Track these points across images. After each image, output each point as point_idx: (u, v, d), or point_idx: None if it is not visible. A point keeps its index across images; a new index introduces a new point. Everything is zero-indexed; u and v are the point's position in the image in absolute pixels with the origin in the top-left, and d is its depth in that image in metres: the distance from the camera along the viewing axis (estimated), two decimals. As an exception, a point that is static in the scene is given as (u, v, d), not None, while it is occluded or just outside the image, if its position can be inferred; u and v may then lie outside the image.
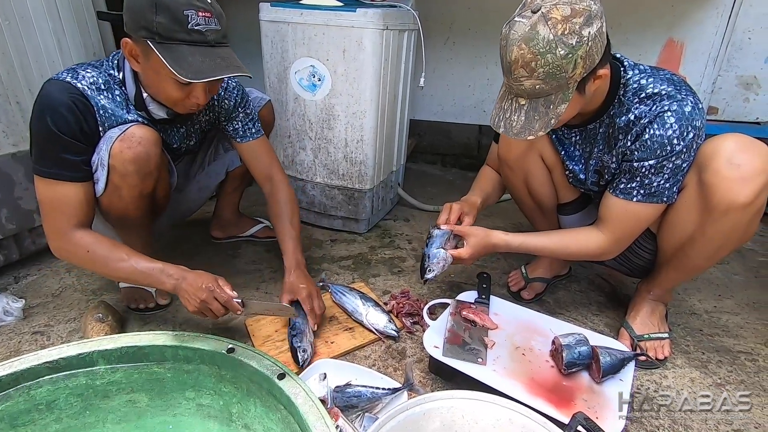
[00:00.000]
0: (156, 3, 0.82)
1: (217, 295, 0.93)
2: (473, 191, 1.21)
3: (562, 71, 0.76)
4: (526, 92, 0.81)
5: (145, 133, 0.95)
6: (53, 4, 1.30)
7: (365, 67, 1.37)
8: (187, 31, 0.84)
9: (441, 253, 1.04)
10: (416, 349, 1.08)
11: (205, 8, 0.85)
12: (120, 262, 0.93)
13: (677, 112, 0.83)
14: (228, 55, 0.90)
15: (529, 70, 0.77)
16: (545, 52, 0.74)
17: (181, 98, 0.93)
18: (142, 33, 0.84)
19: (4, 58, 1.18)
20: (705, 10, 1.81)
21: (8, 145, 1.23)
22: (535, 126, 0.82)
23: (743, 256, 1.58)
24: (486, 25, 2.16)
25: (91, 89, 0.91)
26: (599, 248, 0.98)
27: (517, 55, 0.76)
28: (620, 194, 0.93)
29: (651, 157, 0.86)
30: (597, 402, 0.83)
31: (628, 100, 0.89)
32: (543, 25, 0.74)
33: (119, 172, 0.93)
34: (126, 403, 0.74)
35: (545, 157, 1.11)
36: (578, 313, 1.25)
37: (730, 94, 1.91)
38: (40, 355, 0.68)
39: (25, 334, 1.09)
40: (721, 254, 0.95)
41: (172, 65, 0.83)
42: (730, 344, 1.13)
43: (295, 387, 0.65)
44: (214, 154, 1.35)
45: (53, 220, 0.92)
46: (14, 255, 1.33)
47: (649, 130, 0.85)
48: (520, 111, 0.83)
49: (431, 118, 2.45)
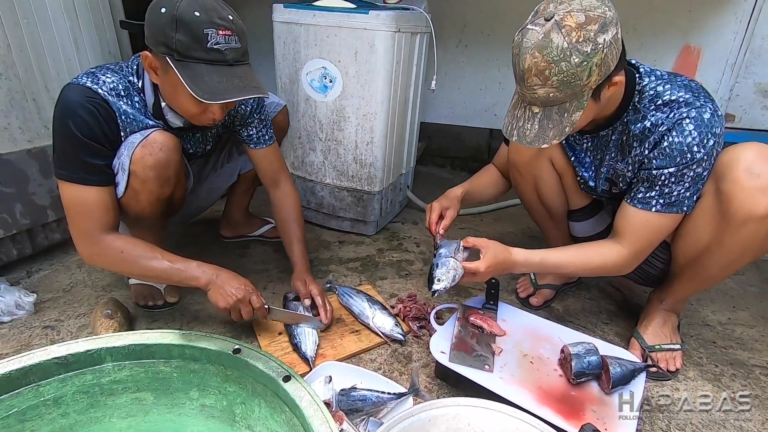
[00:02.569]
0: (176, 20, 0.82)
1: (252, 299, 1.00)
2: (463, 183, 1.21)
3: (577, 79, 0.75)
4: (539, 100, 0.80)
5: (166, 140, 0.97)
6: (71, 4, 1.32)
7: (377, 69, 1.37)
8: (205, 50, 0.84)
9: (451, 263, 0.95)
10: (422, 354, 1.07)
11: (226, 26, 0.85)
12: (153, 260, 0.96)
13: (696, 119, 0.81)
14: (246, 75, 0.90)
15: (542, 79, 0.76)
16: (559, 60, 0.73)
17: (198, 113, 0.93)
18: (162, 49, 0.85)
19: (21, 56, 1.20)
20: (723, 15, 1.77)
21: (24, 142, 1.25)
22: (549, 134, 0.81)
23: (759, 267, 1.55)
24: (499, 29, 2.15)
25: (111, 95, 0.92)
26: (619, 262, 0.95)
27: (530, 63, 0.75)
28: (639, 204, 0.90)
29: (671, 164, 0.84)
30: (606, 413, 0.82)
31: (644, 107, 0.87)
32: (557, 33, 0.72)
33: (140, 178, 0.95)
34: (132, 400, 0.75)
35: (555, 162, 1.09)
36: (588, 321, 1.23)
37: (748, 102, 1.88)
38: (50, 350, 0.69)
39: (36, 328, 1.11)
40: (738, 265, 0.93)
41: (189, 84, 0.83)
42: (745, 357, 1.11)
43: (300, 390, 0.64)
44: (228, 157, 1.36)
45: (81, 224, 0.93)
46: (27, 249, 1.35)
47: (667, 137, 0.83)
48: (534, 119, 0.82)
49: (442, 120, 2.44)
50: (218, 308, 0.99)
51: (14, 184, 1.24)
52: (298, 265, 1.19)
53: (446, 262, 0.95)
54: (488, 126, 2.35)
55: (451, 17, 2.20)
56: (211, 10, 0.84)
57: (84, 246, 0.95)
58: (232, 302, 0.98)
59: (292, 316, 1.08)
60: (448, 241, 1.00)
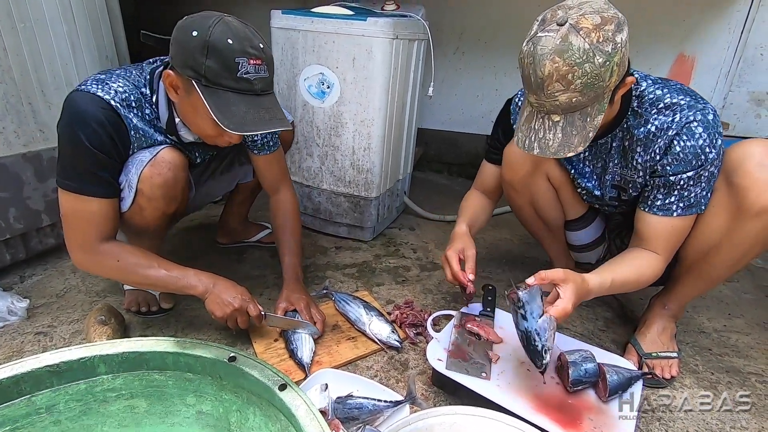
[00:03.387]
0: (208, 46, 0.80)
1: (249, 308, 1.00)
2: (459, 220, 1.17)
3: (600, 80, 0.73)
4: (560, 107, 0.77)
5: (175, 158, 0.96)
6: (68, 8, 1.32)
7: (374, 75, 1.38)
8: (235, 79, 0.83)
9: (547, 322, 0.77)
10: (419, 361, 1.06)
11: (257, 56, 0.84)
12: (150, 269, 0.95)
13: (703, 122, 0.82)
14: (272, 106, 0.90)
15: (565, 83, 0.73)
16: (582, 62, 0.71)
17: (215, 136, 0.93)
18: (189, 72, 0.83)
19: (18, 60, 1.19)
20: (717, 26, 1.80)
21: (19, 145, 1.24)
22: (574, 141, 0.78)
23: (753, 275, 1.55)
24: (496, 36, 2.16)
25: (122, 106, 0.89)
26: (659, 268, 0.93)
27: (551, 69, 0.73)
28: (659, 212, 0.90)
29: (688, 168, 0.84)
30: (603, 421, 0.81)
31: (645, 110, 0.88)
32: (575, 36, 0.71)
33: (147, 196, 0.94)
34: (125, 408, 0.74)
35: (552, 177, 1.09)
36: (584, 328, 1.23)
37: (742, 110, 1.90)
38: (42, 358, 0.68)
39: (28, 334, 1.09)
40: (744, 262, 0.93)
41: (215, 112, 0.82)
42: (740, 365, 1.11)
43: (296, 398, 0.64)
44: (229, 166, 1.36)
45: (79, 234, 0.92)
46: (21, 254, 1.34)
47: (678, 142, 0.84)
48: (555, 128, 0.79)
49: (439, 127, 2.45)
50: (215, 317, 1.00)
51: (8, 189, 1.23)
52: (286, 279, 1.17)
53: (544, 322, 0.77)
54: (485, 132, 2.36)
55: (449, 25, 2.22)
56: (244, 39, 0.83)
57: (79, 255, 0.94)
58: (228, 312, 0.98)
59: (288, 323, 1.07)
60: (528, 292, 0.79)
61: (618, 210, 1.08)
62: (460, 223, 1.16)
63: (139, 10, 2.95)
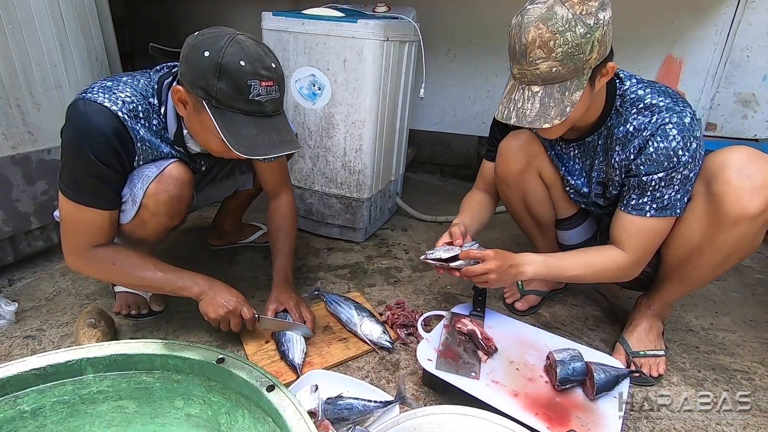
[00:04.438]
0: (220, 68, 0.79)
1: (242, 311, 1.00)
2: (462, 215, 1.17)
3: (580, 52, 0.76)
4: (540, 77, 0.79)
5: (181, 174, 0.96)
6: (57, 9, 1.31)
7: (365, 77, 1.38)
8: (246, 102, 0.82)
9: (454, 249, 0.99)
10: (410, 361, 1.07)
11: (269, 77, 0.83)
12: (146, 270, 0.96)
13: (678, 124, 0.83)
14: (283, 127, 0.89)
15: (546, 51, 0.76)
16: (564, 30, 0.74)
17: (223, 152, 0.92)
18: (199, 92, 0.82)
19: (6, 62, 1.19)
20: (704, 27, 1.82)
21: (7, 148, 1.23)
22: (551, 113, 0.79)
23: (741, 273, 1.57)
24: (487, 38, 2.17)
25: (129, 117, 0.88)
26: (622, 267, 0.95)
27: (534, 35, 0.75)
28: (633, 211, 0.92)
29: (659, 170, 0.85)
30: (591, 419, 0.82)
31: (626, 110, 0.89)
32: (560, 6, 0.74)
33: (151, 211, 0.94)
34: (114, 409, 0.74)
35: (544, 174, 1.11)
36: (574, 327, 1.24)
37: (729, 111, 1.92)
38: (28, 361, 0.68)
39: (16, 338, 1.09)
40: (728, 265, 0.94)
41: (225, 135, 0.81)
42: (727, 362, 1.13)
43: (284, 399, 0.64)
44: (230, 173, 1.35)
45: (75, 239, 0.92)
46: (9, 257, 1.33)
47: (652, 143, 0.85)
48: (534, 98, 0.81)
49: (431, 128, 2.46)
50: (208, 318, 1.00)
51: (-4, 191, 1.22)
52: (275, 280, 1.17)
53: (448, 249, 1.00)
54: (477, 134, 2.37)
55: (440, 27, 2.23)
56: (256, 60, 0.82)
57: (74, 258, 0.94)
58: (222, 313, 0.98)
59: (281, 325, 1.07)
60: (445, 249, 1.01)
61: (604, 211, 1.09)
62: (464, 217, 1.15)
63: (130, 10, 2.94)
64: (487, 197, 1.24)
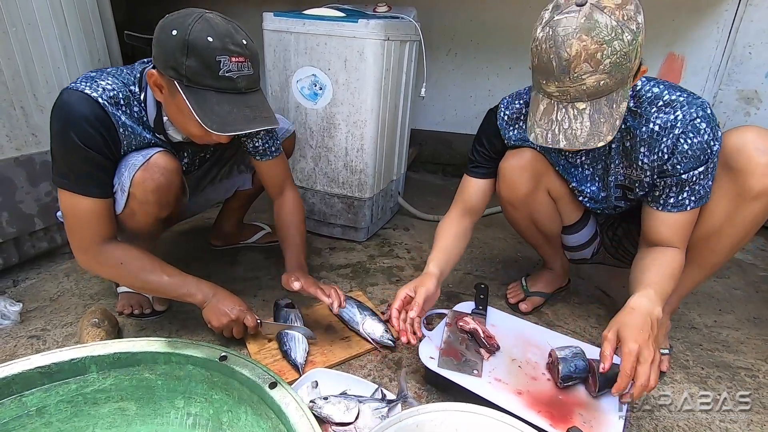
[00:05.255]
0: (188, 45, 0.79)
1: (246, 319, 1.01)
2: (430, 257, 1.06)
3: (628, 60, 0.71)
4: (586, 93, 0.73)
5: (168, 163, 0.96)
6: (60, 11, 1.32)
7: (366, 77, 1.39)
8: (216, 78, 0.81)
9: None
10: (412, 360, 1.07)
11: (239, 53, 0.82)
12: (152, 274, 0.96)
13: (705, 117, 0.82)
14: (257, 104, 0.88)
15: (594, 63, 0.70)
16: (611, 39, 0.69)
17: (202, 136, 0.92)
18: (171, 72, 0.82)
19: (9, 63, 1.20)
20: (705, 25, 1.82)
21: (11, 149, 1.24)
22: (603, 129, 0.75)
23: (744, 271, 1.57)
24: (487, 37, 2.18)
25: (110, 103, 0.88)
26: (682, 262, 0.93)
27: (578, 48, 0.69)
28: (674, 209, 0.90)
29: (698, 164, 0.85)
30: (593, 416, 0.82)
31: (645, 110, 0.87)
32: (600, 13, 0.69)
33: (139, 200, 0.94)
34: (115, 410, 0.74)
35: (552, 190, 1.09)
36: (576, 325, 1.24)
37: (731, 108, 1.92)
38: (33, 359, 0.68)
39: (21, 338, 1.09)
40: (742, 244, 0.95)
41: (197, 112, 0.81)
42: (730, 360, 1.12)
43: (287, 396, 0.64)
44: (228, 173, 1.35)
45: (80, 234, 0.92)
46: (14, 258, 1.33)
47: (685, 140, 0.83)
48: (582, 116, 0.75)
49: (432, 127, 2.46)
50: (211, 326, 1.01)
51: (1, 193, 1.23)
52: (289, 268, 1.13)
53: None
54: (478, 133, 2.37)
55: (441, 26, 2.23)
56: (225, 36, 0.81)
57: (83, 256, 0.94)
58: (224, 322, 0.99)
59: (284, 328, 1.07)
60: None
61: (624, 211, 1.07)
62: (430, 262, 1.04)
63: (132, 12, 2.95)
64: (465, 226, 1.12)
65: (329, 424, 0.80)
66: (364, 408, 0.83)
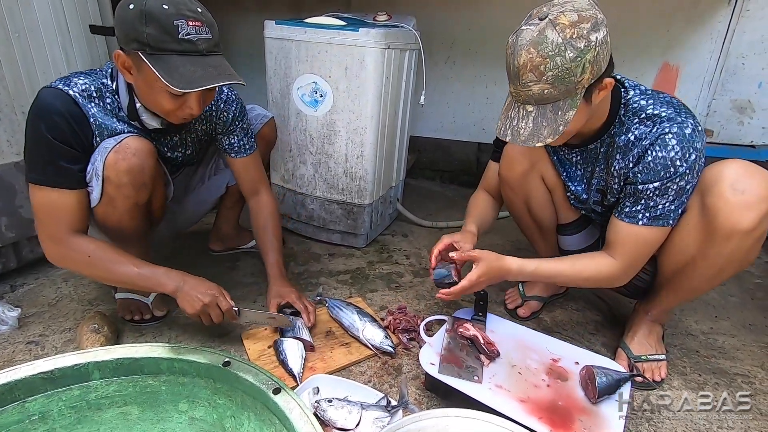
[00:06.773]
0: (145, 14, 0.82)
1: (219, 302, 1.00)
2: (466, 221, 1.18)
3: (571, 75, 0.76)
4: (533, 98, 0.80)
5: (140, 145, 0.96)
6: (62, 18, 1.33)
7: (366, 84, 1.40)
8: (177, 41, 0.84)
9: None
10: (412, 366, 1.07)
11: (195, 17, 0.86)
12: (121, 265, 0.96)
13: (678, 135, 0.83)
14: (220, 64, 0.90)
15: (537, 74, 0.77)
16: (554, 54, 0.75)
17: (175, 109, 0.93)
18: (134, 45, 0.85)
19: (12, 69, 1.20)
20: (699, 35, 1.85)
21: (12, 154, 1.24)
22: (544, 132, 0.81)
23: (739, 278, 1.58)
24: (486, 46, 2.20)
25: (82, 96, 0.92)
26: (612, 274, 0.96)
27: (525, 59, 0.77)
28: (626, 218, 0.92)
29: (655, 179, 0.86)
30: (593, 422, 0.83)
31: (628, 120, 0.90)
32: (551, 30, 0.75)
33: (114, 183, 0.94)
34: (119, 415, 0.74)
35: (546, 178, 1.12)
36: (575, 332, 1.24)
37: (725, 118, 1.94)
38: (36, 364, 0.68)
39: (19, 343, 1.09)
40: (722, 278, 0.95)
41: (163, 76, 0.83)
42: (727, 366, 1.13)
43: (290, 402, 0.65)
44: (215, 168, 1.37)
45: (49, 226, 0.93)
46: (12, 263, 1.33)
47: (651, 152, 0.85)
48: (528, 118, 0.82)
49: (431, 134, 2.47)
50: (188, 314, 1.00)
51: (1, 198, 1.23)
52: (272, 276, 1.20)
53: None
54: (477, 140, 2.39)
55: (440, 35, 2.25)
56: (180, 3, 0.85)
57: (51, 247, 0.95)
58: (199, 307, 0.98)
59: (264, 317, 1.07)
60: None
61: (601, 219, 1.10)
62: (468, 223, 1.16)
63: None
64: (491, 199, 1.25)
65: (331, 428, 0.80)
66: (366, 415, 0.83)
